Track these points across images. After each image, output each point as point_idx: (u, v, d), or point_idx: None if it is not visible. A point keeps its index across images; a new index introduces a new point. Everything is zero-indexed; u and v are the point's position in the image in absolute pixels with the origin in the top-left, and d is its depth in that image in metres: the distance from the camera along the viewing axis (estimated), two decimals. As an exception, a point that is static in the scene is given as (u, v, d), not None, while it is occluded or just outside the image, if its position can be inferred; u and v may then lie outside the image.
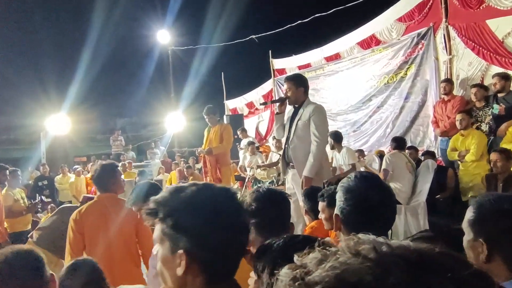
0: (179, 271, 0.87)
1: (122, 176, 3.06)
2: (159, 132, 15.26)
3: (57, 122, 11.49)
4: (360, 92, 7.96)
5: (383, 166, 4.90)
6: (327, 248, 0.45)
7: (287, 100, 3.58)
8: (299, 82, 3.56)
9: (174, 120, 13.53)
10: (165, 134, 14.03)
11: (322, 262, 0.42)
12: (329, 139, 5.68)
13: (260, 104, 10.18)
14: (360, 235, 0.45)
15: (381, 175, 4.66)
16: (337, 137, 5.84)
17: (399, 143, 5.20)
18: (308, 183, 3.33)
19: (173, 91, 15.42)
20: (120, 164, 9.36)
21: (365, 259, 0.40)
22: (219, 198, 0.92)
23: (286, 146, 3.61)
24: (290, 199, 1.65)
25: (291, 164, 3.58)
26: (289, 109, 3.74)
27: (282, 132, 3.71)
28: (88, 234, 2.70)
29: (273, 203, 1.55)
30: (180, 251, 0.88)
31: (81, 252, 2.64)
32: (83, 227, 2.71)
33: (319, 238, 0.93)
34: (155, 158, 12.34)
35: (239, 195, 0.97)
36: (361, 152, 6.75)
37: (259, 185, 7.04)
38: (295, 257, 0.46)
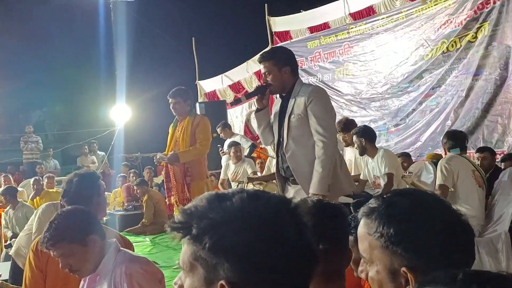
0: None
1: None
2: (97, 130, 15.12)
3: None
4: (405, 65, 8.02)
5: (439, 180, 4.86)
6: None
7: (268, 90, 3.71)
8: (281, 59, 3.67)
9: (120, 112, 13.50)
10: (106, 132, 13.94)
11: None
12: (356, 138, 5.73)
13: (231, 104, 10.18)
14: None
15: (437, 193, 4.58)
16: (369, 135, 5.83)
17: (456, 140, 5.10)
18: None
19: (117, 68, 15.38)
20: (32, 181, 9.19)
21: None
22: (278, 212, 0.99)
23: (279, 155, 3.75)
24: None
25: (291, 178, 3.73)
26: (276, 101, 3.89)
27: (270, 136, 3.85)
28: (52, 274, 2.81)
29: (330, 218, 1.82)
30: (221, 282, 0.94)
31: None
32: (46, 262, 2.81)
33: None
34: (90, 169, 12.21)
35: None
36: (406, 157, 6.71)
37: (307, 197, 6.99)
38: None
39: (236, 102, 4.63)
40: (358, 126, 6.04)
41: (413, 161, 6.83)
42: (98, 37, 16.13)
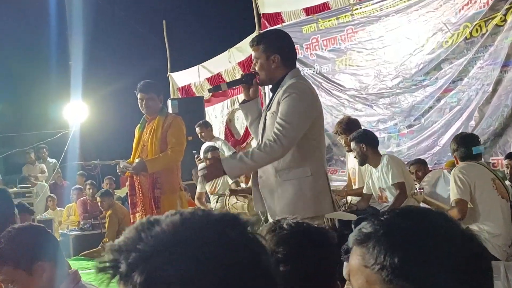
0: None
1: None
2: (47, 133, 15.00)
3: None
4: (420, 54, 8.03)
5: (455, 194, 4.86)
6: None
7: (255, 79, 3.81)
8: (270, 46, 3.73)
9: (75, 111, 13.43)
10: (59, 135, 13.85)
11: None
12: (355, 144, 5.79)
13: (209, 91, 10.25)
14: None
15: (454, 213, 4.64)
16: (370, 140, 5.91)
17: (468, 146, 5.13)
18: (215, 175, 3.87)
19: (71, 57, 15.30)
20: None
21: None
22: (222, 233, 0.98)
23: None
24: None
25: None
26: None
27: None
28: None
29: (313, 247, 1.80)
30: None
31: None
32: None
33: None
34: (38, 180, 12.10)
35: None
36: (421, 165, 6.74)
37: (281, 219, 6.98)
38: None
39: (215, 89, 4.53)
40: (359, 129, 6.07)
41: (430, 169, 6.82)
42: (48, 20, 16.03)
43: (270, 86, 3.89)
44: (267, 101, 3.82)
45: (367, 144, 5.76)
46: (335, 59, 9.26)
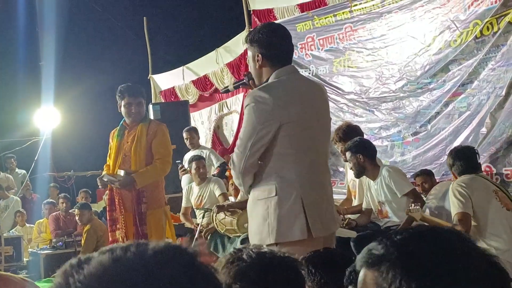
0: None
1: None
2: (15, 141, 14.92)
3: None
4: (426, 55, 8.04)
5: (456, 208, 4.89)
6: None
7: (251, 79, 3.85)
8: (253, 43, 3.70)
9: (47, 117, 13.37)
10: (28, 143, 13.77)
11: None
12: (351, 155, 5.81)
13: (222, 91, 10.28)
14: None
15: (458, 229, 4.62)
16: (368, 150, 5.93)
17: (467, 160, 5.22)
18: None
19: (42, 58, 15.31)
20: None
21: None
22: (161, 274, 0.96)
23: None
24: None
25: None
26: None
27: None
28: None
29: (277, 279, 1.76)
30: None
31: None
32: None
33: None
34: (8, 194, 12.04)
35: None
36: (427, 176, 6.76)
37: (236, 248, 6.97)
38: None
39: (224, 91, 4.56)
40: (355, 138, 6.02)
41: (437, 181, 6.85)
42: (16, 15, 15.99)
43: None
44: None
45: (364, 155, 5.77)
46: (333, 60, 9.26)
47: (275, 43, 3.66)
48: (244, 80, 3.92)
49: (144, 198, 5.60)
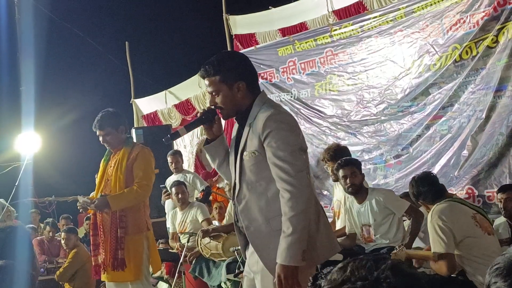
0: None
1: None
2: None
3: None
4: (406, 78, 8.06)
5: (437, 247, 4.68)
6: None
7: (216, 115, 3.63)
8: (231, 73, 3.52)
9: (28, 142, 13.30)
10: (8, 169, 13.68)
11: None
12: (356, 169, 5.82)
13: (165, 141, 10.33)
14: None
15: (442, 268, 4.61)
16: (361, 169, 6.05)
17: (435, 186, 5.02)
18: (291, 277, 3.25)
19: (23, 82, 15.24)
20: None
21: None
22: None
23: (234, 203, 3.63)
24: None
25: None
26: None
27: (230, 172, 3.74)
28: None
29: None
30: None
31: None
32: None
33: None
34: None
35: None
36: (410, 199, 6.74)
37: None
38: None
39: (173, 137, 4.04)
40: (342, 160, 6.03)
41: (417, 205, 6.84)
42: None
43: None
44: (235, 132, 3.67)
45: (362, 175, 5.86)
46: (314, 84, 9.27)
47: (253, 70, 3.61)
48: (204, 119, 3.62)
49: (122, 223, 5.52)
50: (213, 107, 3.54)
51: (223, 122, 4.57)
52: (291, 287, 3.19)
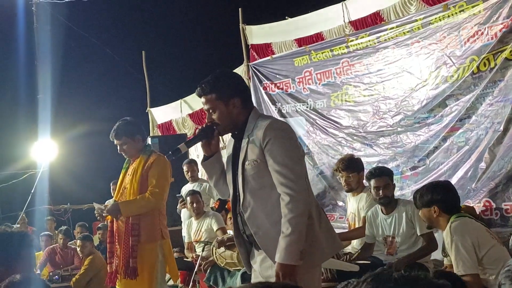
0: None
1: None
2: (12, 174, 14.91)
3: None
4: (423, 90, 8.06)
5: (464, 268, 4.48)
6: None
7: (216, 131, 3.77)
8: (226, 90, 3.70)
9: (44, 149, 13.37)
10: (25, 176, 13.77)
11: None
12: (387, 179, 5.82)
13: (167, 157, 10.39)
14: None
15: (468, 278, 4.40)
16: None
17: (452, 194, 4.75)
18: (289, 276, 3.41)
19: (40, 91, 15.32)
20: None
21: None
22: None
23: (237, 213, 3.77)
24: None
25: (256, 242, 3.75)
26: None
27: (226, 188, 3.90)
28: None
29: None
30: None
31: None
32: None
33: None
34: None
35: None
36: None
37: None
38: None
39: (174, 153, 4.08)
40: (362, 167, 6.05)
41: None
42: (15, 49, 16.03)
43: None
44: (230, 147, 3.85)
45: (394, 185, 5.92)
46: (330, 94, 9.26)
47: (246, 86, 3.82)
48: (202, 135, 3.79)
49: (134, 230, 5.53)
50: (210, 124, 3.72)
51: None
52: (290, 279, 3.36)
